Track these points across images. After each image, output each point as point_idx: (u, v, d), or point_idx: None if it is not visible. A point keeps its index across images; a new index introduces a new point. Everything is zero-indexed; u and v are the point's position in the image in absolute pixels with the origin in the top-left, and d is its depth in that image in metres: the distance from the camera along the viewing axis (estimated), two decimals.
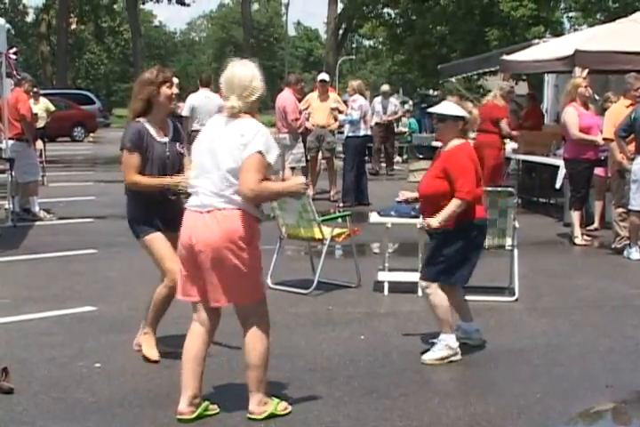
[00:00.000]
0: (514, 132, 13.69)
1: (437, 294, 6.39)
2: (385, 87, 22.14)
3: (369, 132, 15.89)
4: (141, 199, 6.11)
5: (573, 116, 11.25)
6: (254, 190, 4.93)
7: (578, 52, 12.42)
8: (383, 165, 21.87)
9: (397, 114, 22.38)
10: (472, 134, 6.74)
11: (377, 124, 20.84)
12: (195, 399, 5.15)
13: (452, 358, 6.33)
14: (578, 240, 11.21)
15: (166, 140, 6.12)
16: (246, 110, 5.11)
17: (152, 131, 6.05)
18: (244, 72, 5.12)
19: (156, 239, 6.11)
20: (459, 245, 6.31)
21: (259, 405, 5.16)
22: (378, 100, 21.58)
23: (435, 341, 6.44)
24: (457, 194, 6.24)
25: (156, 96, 6.01)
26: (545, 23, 32.58)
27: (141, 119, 6.05)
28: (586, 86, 11.35)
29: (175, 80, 6.22)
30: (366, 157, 18.09)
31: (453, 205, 6.23)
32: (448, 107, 6.46)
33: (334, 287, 8.62)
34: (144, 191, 6.06)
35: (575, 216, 11.30)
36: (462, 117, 6.40)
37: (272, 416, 5.16)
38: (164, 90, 6.01)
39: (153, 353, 6.26)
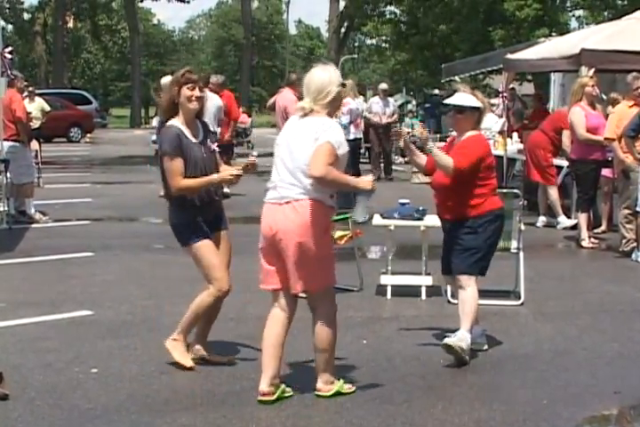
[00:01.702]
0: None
1: (474, 289, 6.46)
2: (383, 85, 21.36)
3: (359, 135, 15.64)
4: (187, 203, 6.02)
5: (580, 117, 11.18)
6: (322, 172, 5.27)
7: (584, 51, 12.34)
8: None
9: (395, 115, 21.60)
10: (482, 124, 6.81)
11: (374, 125, 20.32)
12: (275, 380, 5.47)
13: (465, 354, 6.27)
14: (585, 243, 11.13)
15: (199, 140, 6.11)
16: (320, 111, 5.47)
17: (187, 133, 6.04)
18: (321, 76, 5.50)
19: (206, 247, 6.06)
20: (487, 235, 6.43)
21: (326, 384, 5.53)
22: (375, 99, 20.90)
23: (450, 335, 6.41)
24: (454, 162, 6.30)
25: (177, 97, 6.04)
26: (550, 24, 32.50)
27: (175, 122, 6.03)
28: (593, 86, 11.27)
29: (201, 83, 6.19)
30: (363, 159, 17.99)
31: (444, 158, 6.33)
32: (465, 98, 6.54)
33: (336, 291, 8.40)
34: (186, 195, 5.99)
35: (582, 218, 11.21)
36: (479, 108, 6.52)
37: (337, 394, 5.50)
38: (184, 91, 6.03)
39: (186, 361, 6.11)
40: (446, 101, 6.77)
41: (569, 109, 11.64)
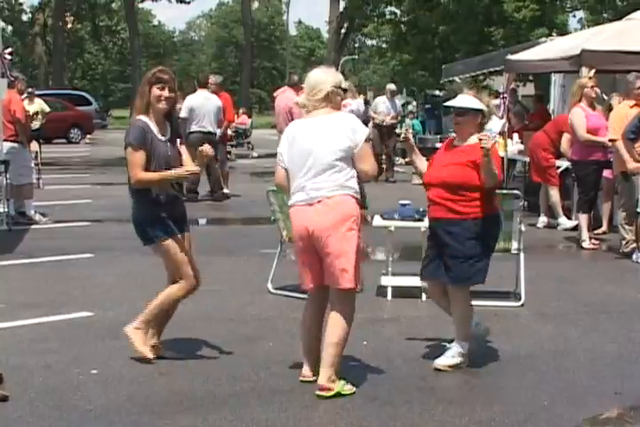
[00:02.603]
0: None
1: (467, 296, 6.30)
2: (392, 86, 21.06)
3: None
4: (150, 200, 6.08)
5: (580, 117, 11.17)
6: (377, 170, 5.81)
7: (584, 52, 12.31)
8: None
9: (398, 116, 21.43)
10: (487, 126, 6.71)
11: (378, 125, 20.02)
12: (316, 367, 5.64)
13: (462, 365, 6.23)
14: (585, 244, 11.09)
15: (166, 138, 6.14)
16: (318, 107, 5.63)
17: (154, 129, 6.07)
18: (317, 74, 5.71)
19: (173, 244, 6.07)
20: (488, 240, 6.24)
21: (328, 381, 5.52)
22: (382, 99, 20.52)
23: (447, 345, 6.35)
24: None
25: (147, 96, 6.05)
26: (549, 25, 32.47)
27: (143, 117, 6.08)
28: (592, 86, 11.26)
29: (172, 84, 6.12)
30: None
31: (495, 168, 6.07)
32: (467, 100, 6.33)
33: None
34: (151, 191, 6.05)
35: (583, 219, 11.18)
36: (481, 111, 6.33)
37: (337, 395, 5.48)
38: (154, 90, 6.05)
39: (145, 350, 6.16)
40: (448, 103, 6.57)
41: (569, 110, 11.62)
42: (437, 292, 6.43)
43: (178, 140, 6.25)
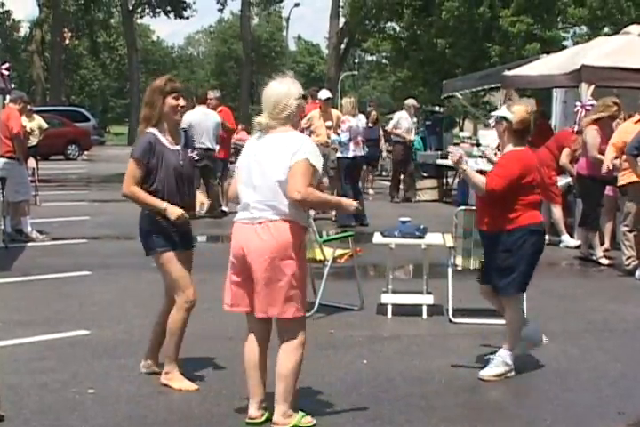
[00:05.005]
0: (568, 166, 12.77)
1: (515, 310, 6.47)
2: (413, 102, 20.16)
3: (360, 153, 15.38)
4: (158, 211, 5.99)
5: (595, 137, 11.19)
6: (302, 193, 5.09)
7: (584, 67, 12.28)
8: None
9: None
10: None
11: (399, 142, 19.25)
12: (262, 404, 5.35)
13: (508, 375, 6.34)
14: (603, 260, 11.19)
15: (178, 148, 6.07)
16: (280, 125, 5.26)
17: (163, 140, 6.01)
18: (277, 89, 5.28)
19: (173, 258, 6.01)
20: (523, 251, 6.29)
21: (283, 416, 5.22)
22: (404, 115, 19.46)
23: (492, 357, 6.43)
24: (487, 180, 6.25)
25: (161, 106, 5.97)
26: (541, 40, 32.54)
27: (152, 129, 6.00)
28: (617, 110, 11.26)
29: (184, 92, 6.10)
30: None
31: (476, 178, 6.28)
32: (499, 109, 6.49)
33: (336, 310, 8.45)
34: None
35: (595, 237, 11.30)
36: (504, 118, 6.36)
37: None
38: (170, 100, 5.97)
39: (189, 385, 6.07)
40: (492, 113, 6.77)
41: (584, 126, 11.55)
42: (488, 292, 6.65)
43: (189, 151, 6.18)
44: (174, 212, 5.89)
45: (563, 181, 12.93)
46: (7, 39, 64.75)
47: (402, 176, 19.60)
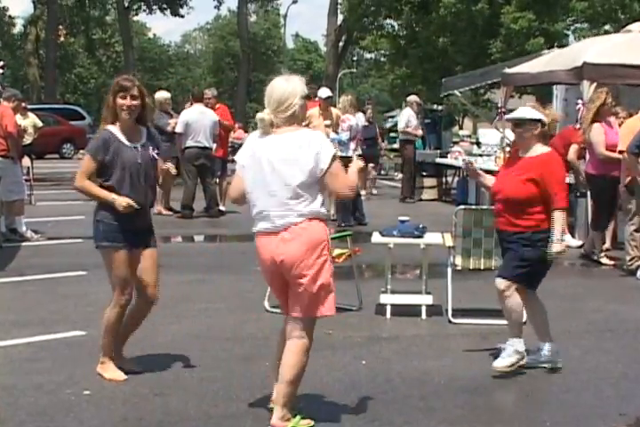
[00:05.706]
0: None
1: (515, 297, 6.45)
2: (416, 98, 19.98)
3: (359, 152, 15.29)
4: (111, 204, 6.03)
5: (600, 134, 11.14)
6: (352, 187, 5.27)
7: (586, 65, 12.21)
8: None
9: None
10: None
11: (409, 141, 19.14)
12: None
13: (520, 362, 6.38)
14: (604, 260, 11.15)
15: (137, 145, 6.10)
16: (285, 124, 5.18)
17: (121, 137, 6.06)
18: (283, 87, 5.23)
19: (118, 256, 6.02)
20: (545, 251, 6.36)
21: (282, 420, 5.18)
22: (410, 112, 19.29)
23: (502, 346, 6.47)
24: (559, 203, 6.29)
25: (113, 105, 6.04)
26: (545, 35, 32.45)
27: (110, 127, 6.07)
28: (613, 104, 11.22)
29: (135, 91, 6.06)
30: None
31: (561, 217, 6.31)
32: (524, 111, 6.48)
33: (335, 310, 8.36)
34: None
35: (597, 236, 11.26)
36: (539, 120, 6.40)
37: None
38: (118, 100, 6.02)
39: (114, 375, 6.16)
40: (507, 117, 6.78)
41: (585, 124, 11.51)
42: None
43: (151, 149, 6.18)
44: (121, 203, 5.93)
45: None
46: (4, 36, 64.54)
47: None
